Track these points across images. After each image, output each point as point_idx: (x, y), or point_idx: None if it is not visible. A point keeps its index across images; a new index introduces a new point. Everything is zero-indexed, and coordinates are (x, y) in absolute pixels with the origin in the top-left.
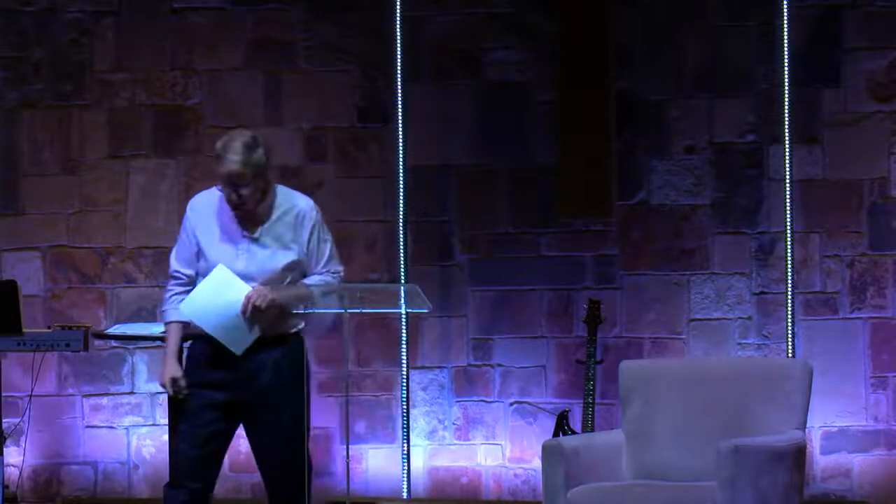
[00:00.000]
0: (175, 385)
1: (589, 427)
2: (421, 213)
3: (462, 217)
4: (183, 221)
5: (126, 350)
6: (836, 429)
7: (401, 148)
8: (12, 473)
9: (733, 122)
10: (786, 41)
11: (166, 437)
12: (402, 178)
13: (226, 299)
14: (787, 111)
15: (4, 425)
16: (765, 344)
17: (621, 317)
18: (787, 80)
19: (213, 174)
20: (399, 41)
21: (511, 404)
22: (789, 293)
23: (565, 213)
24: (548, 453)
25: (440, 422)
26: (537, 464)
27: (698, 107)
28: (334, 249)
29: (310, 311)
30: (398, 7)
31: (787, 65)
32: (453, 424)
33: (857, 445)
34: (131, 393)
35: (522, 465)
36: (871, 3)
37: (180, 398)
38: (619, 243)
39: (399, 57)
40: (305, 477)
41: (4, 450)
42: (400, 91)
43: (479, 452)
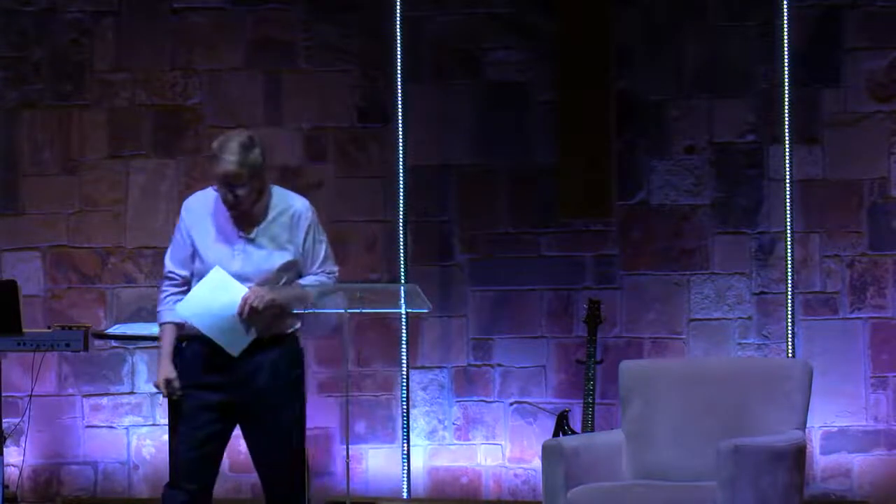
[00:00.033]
0: (169, 386)
1: (589, 427)
2: (421, 213)
3: (462, 217)
4: (178, 222)
5: (126, 350)
6: (836, 429)
7: (401, 148)
8: (12, 473)
9: (733, 122)
10: (786, 41)
11: (166, 437)
12: (402, 178)
13: (222, 301)
14: (787, 111)
15: (4, 425)
16: (765, 344)
17: (621, 317)
18: (787, 80)
19: (211, 174)
20: (399, 41)
21: (511, 404)
22: (789, 293)
23: (565, 213)
24: (548, 453)
25: (440, 422)
26: (537, 464)
27: (698, 107)
28: (329, 250)
29: (307, 312)
30: (398, 7)
31: (787, 65)
32: (453, 424)
33: (857, 445)
34: (131, 393)
35: (522, 465)
36: (871, 3)
37: (174, 399)
38: (619, 243)
39: (399, 57)
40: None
41: (4, 450)
42: (400, 91)
43: (479, 452)
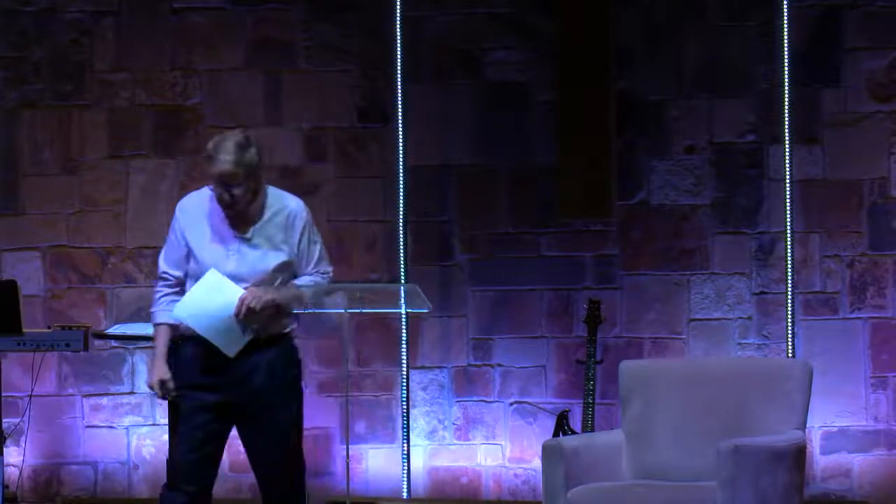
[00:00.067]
0: (163, 387)
1: (589, 427)
2: (421, 213)
3: (462, 217)
4: (172, 223)
5: (126, 350)
6: (836, 429)
7: (401, 148)
8: (12, 473)
9: (733, 122)
10: (786, 41)
11: (166, 437)
12: (402, 178)
13: (219, 302)
14: (787, 111)
15: (4, 425)
16: (765, 344)
17: (621, 317)
18: (787, 80)
19: (208, 174)
20: (399, 41)
21: (511, 404)
22: (789, 293)
23: (565, 213)
24: (548, 453)
25: (440, 422)
26: (537, 464)
27: (698, 107)
28: (324, 250)
29: (306, 312)
30: (398, 7)
31: (787, 65)
32: (453, 424)
33: (857, 445)
34: (131, 393)
35: (522, 465)
36: (871, 3)
37: (169, 400)
38: (619, 243)
39: (399, 57)
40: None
41: (4, 450)
42: (400, 91)
43: (479, 452)
